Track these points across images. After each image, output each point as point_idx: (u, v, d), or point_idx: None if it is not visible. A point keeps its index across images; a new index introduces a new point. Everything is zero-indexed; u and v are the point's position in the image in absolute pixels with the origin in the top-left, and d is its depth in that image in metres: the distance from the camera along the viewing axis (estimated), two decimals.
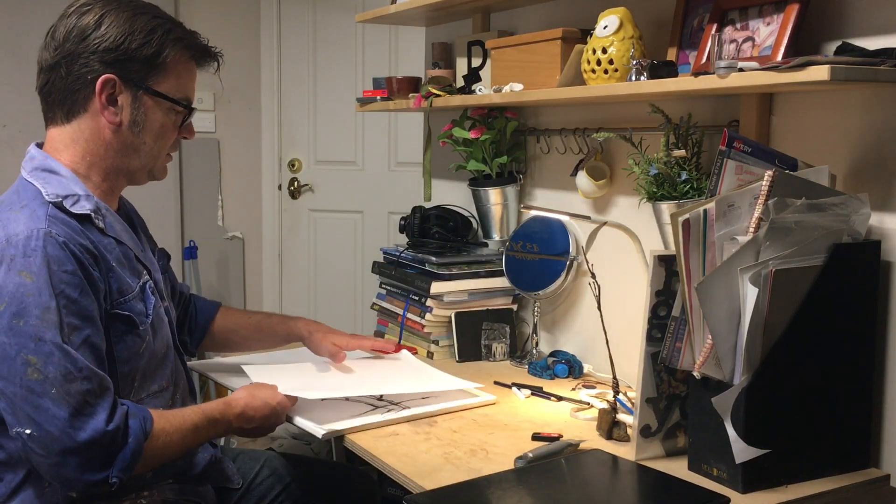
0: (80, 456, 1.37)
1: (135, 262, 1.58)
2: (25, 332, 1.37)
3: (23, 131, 3.62)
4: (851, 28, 1.60)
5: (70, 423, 1.36)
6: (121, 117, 1.53)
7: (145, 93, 1.53)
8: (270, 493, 1.84)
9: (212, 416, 1.59)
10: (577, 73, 1.89)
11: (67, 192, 1.49)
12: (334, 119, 3.99)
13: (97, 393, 1.40)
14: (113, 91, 1.51)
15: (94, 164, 1.55)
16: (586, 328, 2.25)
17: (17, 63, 3.58)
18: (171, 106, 1.56)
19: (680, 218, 1.45)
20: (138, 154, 1.57)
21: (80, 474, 1.38)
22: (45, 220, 1.43)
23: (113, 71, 1.50)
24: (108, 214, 1.55)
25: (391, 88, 2.53)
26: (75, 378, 1.38)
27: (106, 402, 1.41)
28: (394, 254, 2.56)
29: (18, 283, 1.38)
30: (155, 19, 1.53)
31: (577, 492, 1.48)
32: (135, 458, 1.42)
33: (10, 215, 1.45)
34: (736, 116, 1.80)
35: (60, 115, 1.54)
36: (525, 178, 2.44)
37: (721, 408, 1.46)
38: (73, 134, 1.54)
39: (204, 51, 1.61)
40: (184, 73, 1.57)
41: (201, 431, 1.57)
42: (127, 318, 1.51)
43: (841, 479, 1.53)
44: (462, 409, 1.86)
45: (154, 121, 1.55)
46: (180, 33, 1.56)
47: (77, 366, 1.38)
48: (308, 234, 4.14)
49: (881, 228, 1.58)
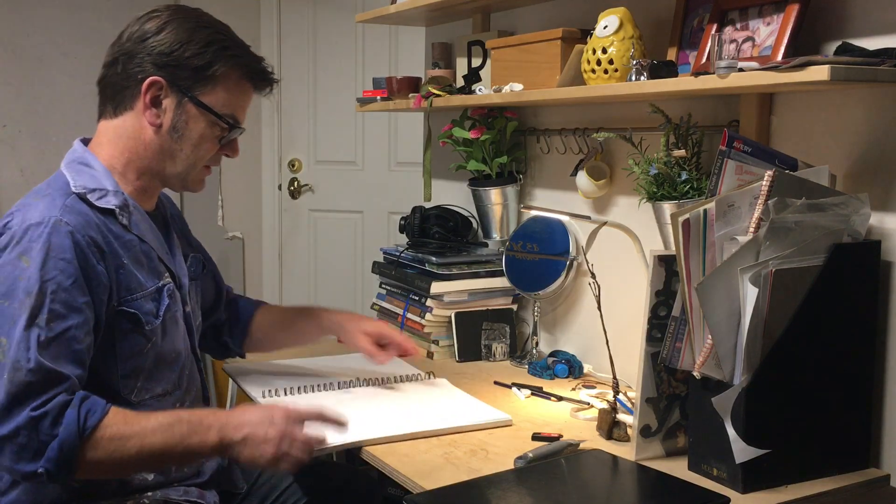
0: (11, 443, 1.35)
1: (156, 262, 1.59)
2: (7, 313, 1.40)
3: (23, 131, 3.62)
4: (851, 28, 1.60)
5: (4, 409, 1.35)
6: (162, 120, 1.56)
7: (190, 101, 1.55)
8: (272, 495, 1.84)
9: (187, 417, 1.46)
10: (577, 73, 1.89)
11: (96, 186, 1.53)
12: (334, 119, 3.99)
13: (38, 387, 1.37)
14: (159, 94, 1.54)
15: (131, 162, 1.58)
16: (586, 328, 2.25)
17: (18, 63, 3.58)
18: (215, 120, 1.58)
19: (680, 218, 1.45)
20: (174, 160, 1.59)
21: (13, 462, 1.36)
22: (59, 209, 1.46)
23: (162, 74, 1.53)
24: (135, 212, 1.57)
25: (391, 88, 2.53)
26: (22, 368, 1.37)
27: (43, 395, 1.37)
28: (394, 254, 2.56)
29: (16, 265, 1.41)
30: (215, 34, 1.56)
31: (577, 492, 1.48)
32: (64, 451, 1.36)
33: (32, 202, 1.50)
34: (736, 116, 1.80)
35: (110, 109, 1.59)
36: (525, 178, 2.44)
37: (721, 408, 1.46)
38: (118, 129, 1.58)
39: (258, 73, 1.62)
40: (234, 91, 1.59)
41: (169, 431, 1.42)
42: (133, 315, 1.52)
43: (841, 479, 1.53)
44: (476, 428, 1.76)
45: (194, 130, 1.57)
46: (237, 51, 1.58)
47: (28, 357, 1.37)
48: (308, 234, 4.14)
49: (881, 228, 1.58)
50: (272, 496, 1.84)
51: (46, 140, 3.63)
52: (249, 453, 1.46)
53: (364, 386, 1.99)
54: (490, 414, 1.82)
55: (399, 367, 2.20)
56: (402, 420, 1.76)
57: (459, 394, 1.97)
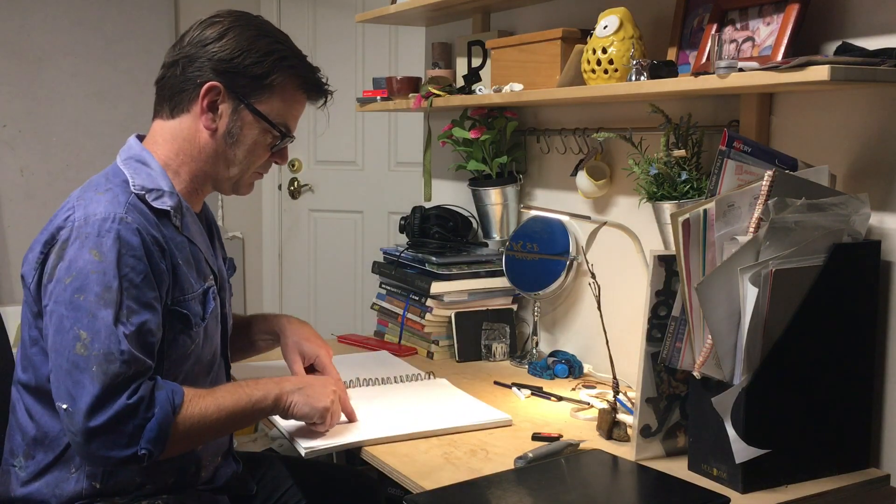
0: (106, 433, 1.39)
1: (203, 264, 1.61)
2: (84, 307, 1.41)
3: (23, 131, 3.62)
4: (851, 28, 1.60)
5: (98, 401, 1.38)
6: (217, 125, 1.57)
7: (246, 108, 1.57)
8: (273, 496, 1.84)
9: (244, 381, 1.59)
10: (577, 73, 1.89)
11: (153, 186, 1.54)
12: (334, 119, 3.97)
13: (129, 377, 1.41)
14: (217, 99, 1.56)
15: (185, 164, 1.60)
16: (586, 328, 2.25)
17: (18, 63, 3.58)
18: (268, 128, 1.60)
19: (680, 218, 1.45)
20: (227, 165, 1.61)
21: (107, 451, 1.40)
22: (123, 207, 1.47)
23: (221, 80, 1.55)
24: (187, 214, 1.59)
25: (391, 88, 2.53)
26: (115, 360, 1.40)
27: (135, 383, 1.42)
28: (394, 254, 2.56)
29: (88, 259, 1.42)
30: (275, 44, 1.58)
31: (577, 492, 1.48)
32: (163, 429, 1.42)
33: (93, 195, 1.50)
34: (736, 116, 1.80)
35: (167, 109, 1.60)
36: (525, 178, 2.44)
37: (721, 408, 1.46)
38: (174, 130, 1.59)
39: (315, 85, 1.64)
40: (289, 101, 1.61)
41: (236, 392, 1.55)
42: (184, 316, 1.54)
43: (841, 479, 1.53)
44: (476, 428, 1.77)
45: (248, 137, 1.59)
46: (295, 62, 1.60)
47: (120, 348, 1.41)
48: (308, 234, 4.14)
49: (881, 228, 1.58)
50: (273, 497, 1.84)
51: (46, 140, 3.63)
52: (307, 400, 1.62)
53: (364, 386, 1.99)
54: (490, 414, 1.82)
55: (399, 367, 2.20)
56: (402, 420, 1.76)
57: (459, 394, 1.97)
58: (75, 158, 3.64)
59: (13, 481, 1.53)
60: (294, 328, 1.91)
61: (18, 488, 1.52)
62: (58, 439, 1.50)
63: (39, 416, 1.51)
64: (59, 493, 1.50)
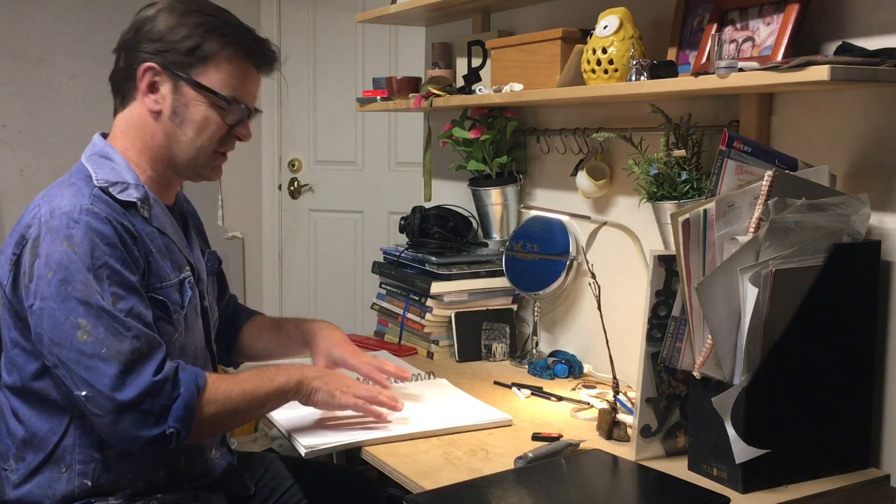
0: (134, 411, 1.40)
1: (177, 254, 1.60)
2: (73, 296, 1.41)
3: (23, 131, 3.61)
4: (851, 28, 1.60)
5: (120, 379, 1.39)
6: (161, 106, 1.56)
7: (185, 83, 1.55)
8: (273, 496, 1.84)
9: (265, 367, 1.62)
10: (577, 73, 1.89)
11: (118, 179, 1.53)
12: (334, 119, 3.99)
13: (146, 352, 1.42)
14: (156, 80, 1.55)
15: (143, 152, 1.59)
16: (586, 328, 2.25)
17: (17, 63, 3.58)
18: (214, 99, 1.56)
19: (680, 218, 1.45)
20: (181, 146, 1.58)
21: (136, 430, 1.40)
22: (88, 198, 1.47)
23: (155, 59, 1.54)
24: (155, 205, 1.58)
25: (391, 88, 2.53)
26: (125, 337, 1.41)
27: (155, 360, 1.43)
28: (394, 254, 2.56)
29: (62, 251, 1.42)
30: (205, 16, 1.56)
31: (577, 492, 1.48)
32: (189, 409, 1.43)
33: (57, 191, 1.51)
34: (736, 116, 1.80)
35: (119, 101, 1.61)
36: (525, 178, 2.44)
37: (721, 408, 1.46)
38: (127, 120, 1.60)
39: (252, 49, 1.59)
40: (230, 70, 1.57)
41: (258, 376, 1.57)
42: (162, 303, 1.53)
43: (841, 479, 1.53)
44: (476, 428, 1.77)
45: (196, 113, 1.56)
46: (228, 31, 1.56)
47: (125, 325, 1.41)
48: (308, 234, 4.14)
49: (881, 228, 1.58)
50: (273, 497, 1.84)
51: (46, 140, 3.63)
52: (328, 387, 1.65)
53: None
54: (490, 414, 1.82)
55: None
56: (402, 420, 1.76)
57: (459, 394, 1.97)
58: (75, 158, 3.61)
59: (5, 484, 1.53)
60: (325, 333, 1.90)
61: (11, 491, 1.51)
62: (46, 439, 1.50)
63: (27, 418, 1.51)
64: (52, 493, 1.49)
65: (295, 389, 1.62)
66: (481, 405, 1.88)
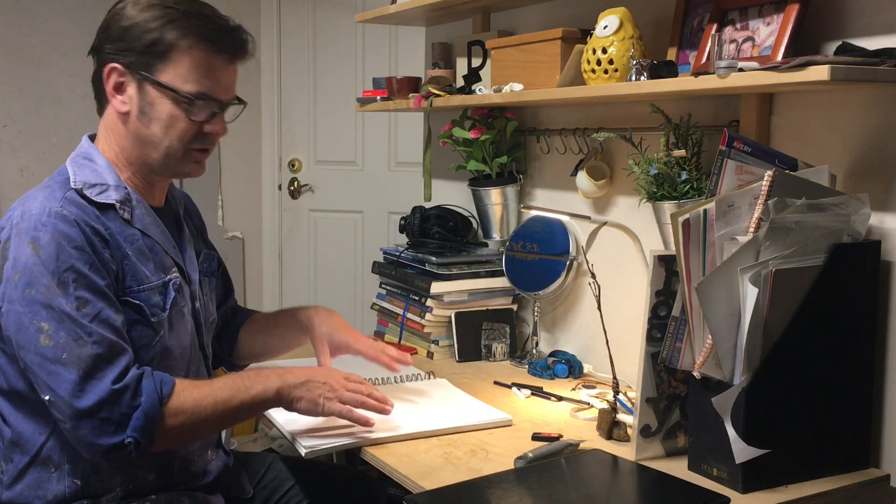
0: (92, 419, 1.38)
1: (162, 256, 1.57)
2: (37, 299, 1.40)
3: (23, 131, 3.62)
4: (851, 28, 1.60)
5: (79, 385, 1.38)
6: (129, 106, 1.53)
7: (147, 82, 1.51)
8: (273, 497, 1.83)
9: (246, 373, 1.57)
10: (577, 73, 1.89)
11: (97, 181, 1.52)
12: (334, 119, 3.99)
13: (107, 358, 1.41)
14: (122, 80, 1.52)
15: (120, 154, 1.57)
16: (586, 328, 2.25)
17: (17, 63, 3.58)
18: (176, 97, 1.51)
19: (680, 218, 1.45)
20: (153, 146, 1.54)
21: (95, 438, 1.39)
22: (59, 201, 1.46)
23: (118, 59, 1.51)
24: (138, 206, 1.55)
25: (391, 88, 2.53)
26: (85, 343, 1.40)
27: (117, 367, 1.41)
28: (394, 254, 2.56)
29: (28, 254, 1.41)
30: (165, 9, 1.50)
31: (577, 492, 1.48)
32: (149, 419, 1.41)
33: (32, 193, 1.50)
34: (736, 116, 1.80)
35: (98, 104, 1.59)
36: (525, 178, 2.44)
37: (721, 408, 1.46)
38: (105, 123, 1.58)
39: (214, 35, 1.51)
40: (192, 62, 1.49)
41: (234, 384, 1.53)
42: (137, 307, 1.51)
43: (841, 479, 1.53)
44: (476, 428, 1.77)
45: (161, 111, 1.52)
46: (186, 22, 1.49)
47: (87, 331, 1.40)
48: (308, 234, 4.14)
49: (881, 228, 1.58)
50: (274, 497, 1.83)
51: (46, 140, 3.63)
52: (311, 396, 1.60)
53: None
54: (490, 414, 1.82)
55: None
56: (401, 420, 1.76)
57: (459, 394, 1.97)
58: None
59: None
60: (322, 318, 1.87)
61: (4, 492, 1.51)
62: (32, 440, 1.49)
63: (12, 419, 1.50)
64: (43, 494, 1.49)
65: (274, 398, 1.57)
66: (481, 405, 1.88)
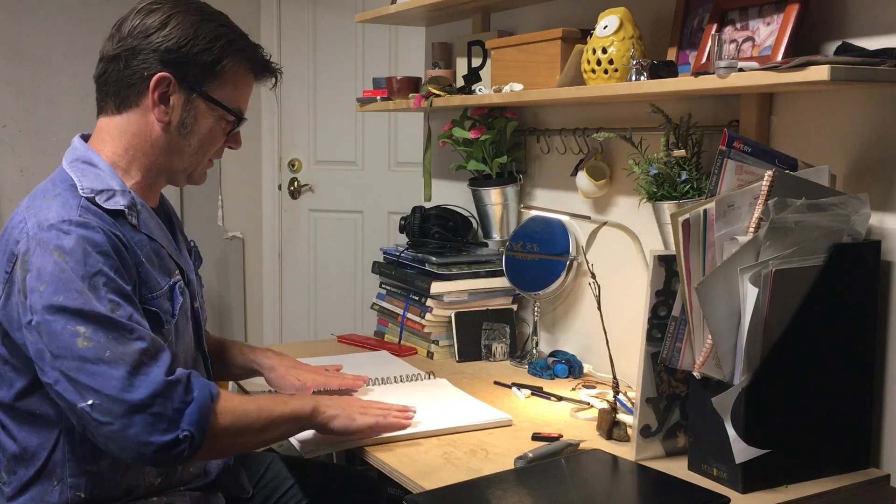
0: (145, 413, 1.34)
1: (167, 259, 1.57)
2: (67, 306, 1.36)
3: (23, 131, 3.62)
4: (851, 28, 1.60)
5: (129, 380, 1.35)
6: (170, 117, 1.53)
7: (199, 96, 1.54)
8: (273, 496, 1.83)
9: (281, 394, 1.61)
10: (577, 73, 1.89)
11: (103, 187, 1.50)
12: (334, 119, 3.99)
13: (152, 353, 1.38)
14: (167, 90, 1.52)
15: (135, 160, 1.56)
16: (586, 328, 2.25)
17: (18, 63, 3.58)
18: (223, 114, 1.56)
19: (680, 218, 1.45)
20: (181, 156, 1.57)
21: (147, 435, 1.35)
22: (76, 210, 1.44)
23: (170, 70, 1.51)
24: (142, 211, 1.55)
25: (391, 88, 2.53)
26: (128, 340, 1.37)
27: (163, 360, 1.39)
28: (394, 254, 2.56)
29: (54, 261, 1.38)
30: (220, 28, 1.54)
31: (577, 492, 1.48)
32: (203, 414, 1.38)
33: (42, 203, 1.46)
34: (736, 116, 1.80)
35: (112, 105, 1.56)
36: (525, 178, 2.44)
37: (721, 408, 1.46)
38: (122, 126, 1.55)
39: (264, 66, 1.61)
40: (240, 84, 1.58)
41: (273, 397, 1.56)
42: (154, 314, 1.50)
43: (841, 479, 1.53)
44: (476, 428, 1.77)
45: (203, 125, 1.56)
46: (243, 45, 1.56)
47: (127, 328, 1.38)
48: (308, 234, 4.14)
49: (881, 228, 1.58)
50: (274, 497, 1.83)
51: (46, 140, 3.63)
52: (346, 413, 1.63)
53: (364, 386, 1.99)
54: (490, 414, 1.82)
55: (399, 366, 2.20)
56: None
57: (459, 394, 1.97)
58: None
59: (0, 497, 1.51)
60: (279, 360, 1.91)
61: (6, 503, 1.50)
62: (37, 454, 1.47)
63: (17, 433, 1.48)
64: None
65: (310, 415, 1.58)
66: (481, 405, 1.88)
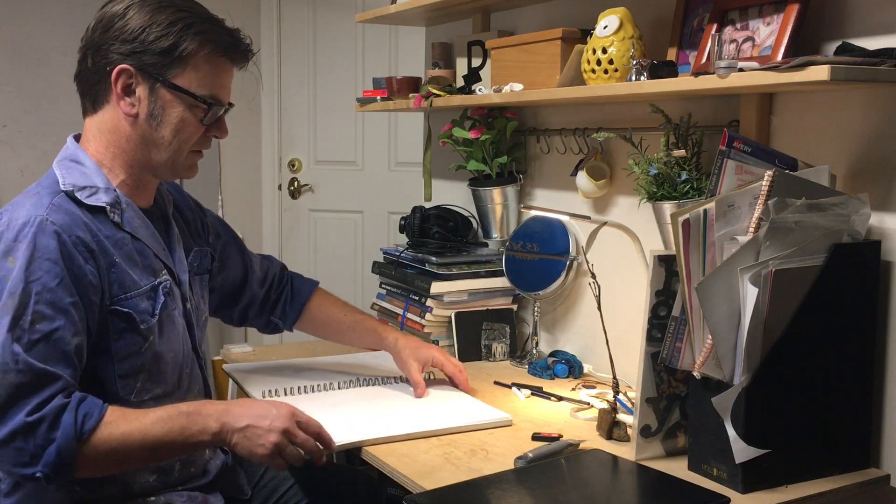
0: (7, 448, 1.35)
1: (152, 259, 1.56)
2: None
3: (23, 131, 3.62)
4: (851, 28, 1.60)
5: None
6: (138, 109, 1.52)
7: (162, 85, 1.51)
8: (272, 497, 1.83)
9: (185, 408, 1.47)
10: (577, 73, 1.89)
11: (86, 184, 1.50)
12: (334, 119, 3.99)
13: (29, 388, 1.36)
14: (130, 82, 1.51)
15: (117, 157, 1.55)
16: (586, 328, 2.25)
17: (18, 63, 3.58)
18: (192, 101, 1.53)
19: (680, 218, 1.45)
20: (158, 148, 1.55)
21: (11, 466, 1.37)
22: (46, 208, 1.44)
23: (129, 62, 1.49)
24: (127, 209, 1.54)
25: (391, 88, 2.53)
26: (10, 370, 1.36)
27: (38, 397, 1.36)
28: (394, 254, 2.56)
29: (2, 266, 1.40)
30: (179, 12, 1.51)
31: (577, 492, 1.48)
32: (63, 455, 1.36)
33: (21, 200, 1.48)
34: (736, 116, 1.80)
35: (89, 104, 1.56)
36: (525, 178, 2.44)
37: (721, 408, 1.46)
38: (99, 124, 1.55)
39: (229, 46, 1.55)
40: (207, 68, 1.53)
41: (169, 422, 1.43)
42: (126, 315, 1.50)
43: (841, 479, 1.53)
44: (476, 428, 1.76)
45: (173, 115, 1.52)
46: (203, 27, 1.51)
47: (15, 358, 1.36)
48: (308, 234, 4.14)
49: (881, 228, 1.58)
50: (273, 497, 1.83)
51: (46, 140, 3.63)
52: (248, 444, 1.48)
53: (364, 386, 1.99)
54: (490, 414, 1.82)
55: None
56: (402, 420, 1.76)
57: (459, 394, 1.97)
58: None
59: None
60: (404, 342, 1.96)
61: (2, 500, 1.50)
62: None
63: None
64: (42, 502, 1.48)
65: (210, 441, 1.48)
66: (481, 405, 1.88)
